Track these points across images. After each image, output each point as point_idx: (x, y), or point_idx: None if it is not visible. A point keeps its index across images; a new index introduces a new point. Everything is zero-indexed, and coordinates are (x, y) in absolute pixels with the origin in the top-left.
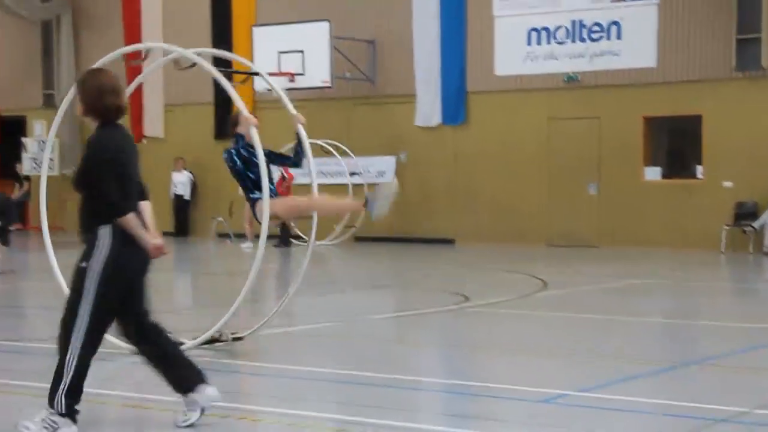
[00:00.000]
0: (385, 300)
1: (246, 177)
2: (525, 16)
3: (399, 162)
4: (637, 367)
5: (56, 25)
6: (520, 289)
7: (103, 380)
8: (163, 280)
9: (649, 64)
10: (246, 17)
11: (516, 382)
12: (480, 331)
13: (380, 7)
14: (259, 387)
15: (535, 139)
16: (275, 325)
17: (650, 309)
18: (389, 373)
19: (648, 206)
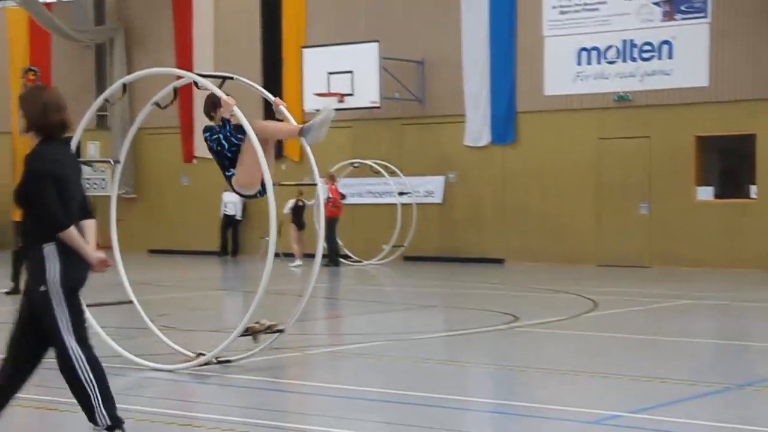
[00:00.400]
0: (434, 319)
1: (225, 157)
2: (575, 35)
3: (448, 181)
4: (689, 389)
5: (109, 48)
6: (570, 309)
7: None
8: (210, 299)
9: (701, 83)
10: (296, 39)
11: (566, 403)
12: (529, 351)
13: (429, 27)
14: (307, 405)
15: (584, 158)
16: (323, 345)
17: (703, 330)
18: (437, 392)
19: (700, 226)
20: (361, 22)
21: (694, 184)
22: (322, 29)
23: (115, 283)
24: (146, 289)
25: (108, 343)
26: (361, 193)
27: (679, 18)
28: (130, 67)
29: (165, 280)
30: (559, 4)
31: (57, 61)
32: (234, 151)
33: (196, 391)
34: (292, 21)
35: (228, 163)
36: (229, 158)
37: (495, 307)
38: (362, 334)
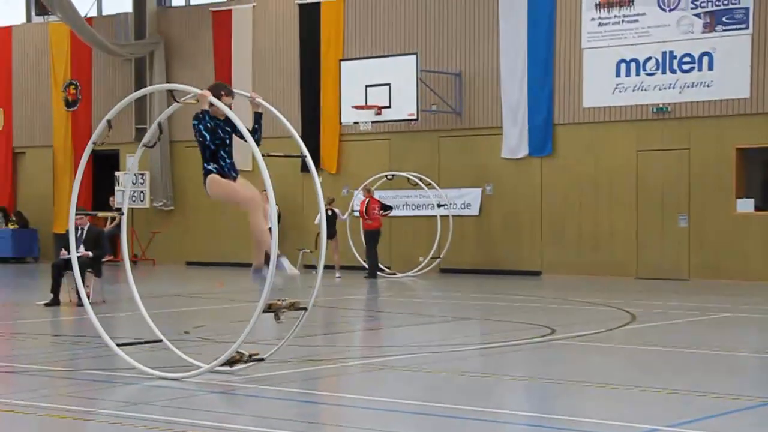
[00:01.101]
0: (470, 332)
1: (206, 147)
2: (614, 47)
3: (485, 194)
4: (730, 403)
5: (149, 62)
6: (608, 322)
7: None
8: (247, 311)
9: (742, 94)
10: (334, 51)
11: (603, 416)
12: (566, 364)
13: (467, 39)
14: (343, 417)
15: (623, 170)
16: (359, 357)
17: (743, 343)
18: (474, 405)
19: (741, 238)
20: (399, 34)
21: (734, 196)
22: (360, 42)
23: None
24: (184, 301)
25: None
26: (398, 206)
27: (720, 29)
28: (170, 81)
29: (202, 292)
30: (599, 16)
31: (97, 75)
32: (217, 143)
33: (234, 402)
34: (331, 34)
35: (209, 155)
36: (211, 150)
37: (532, 319)
38: (399, 346)
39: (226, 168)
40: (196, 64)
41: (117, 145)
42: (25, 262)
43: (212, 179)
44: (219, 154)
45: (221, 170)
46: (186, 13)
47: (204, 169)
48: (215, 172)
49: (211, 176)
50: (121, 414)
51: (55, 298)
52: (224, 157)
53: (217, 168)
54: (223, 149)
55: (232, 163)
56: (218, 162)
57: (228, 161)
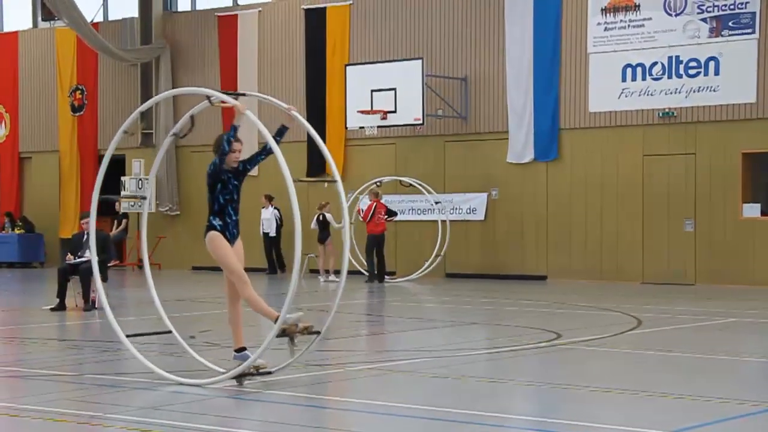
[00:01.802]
0: (476, 336)
1: (215, 200)
2: (620, 52)
3: (491, 198)
4: (736, 408)
5: (155, 67)
6: (613, 326)
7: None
8: (253, 315)
9: (748, 99)
10: (339, 56)
11: (609, 421)
12: (571, 369)
13: (473, 44)
14: (348, 422)
15: (629, 175)
16: (366, 361)
17: (749, 348)
18: (480, 410)
19: (747, 243)
20: (404, 39)
21: (740, 201)
22: (365, 47)
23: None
24: (189, 306)
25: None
26: (403, 210)
27: (727, 34)
28: (176, 85)
29: (208, 296)
30: (605, 21)
31: (103, 80)
32: (227, 199)
33: (241, 407)
34: (336, 39)
35: (217, 209)
36: (220, 204)
37: (537, 324)
38: (404, 350)
39: (231, 226)
40: (202, 69)
41: (123, 150)
42: (31, 267)
43: (213, 237)
44: (226, 210)
45: (225, 228)
46: (192, 18)
47: (208, 222)
48: (218, 230)
49: (212, 233)
50: (128, 419)
51: (61, 302)
52: (231, 214)
53: (221, 225)
54: (231, 206)
55: (237, 221)
56: (224, 219)
57: (233, 218)
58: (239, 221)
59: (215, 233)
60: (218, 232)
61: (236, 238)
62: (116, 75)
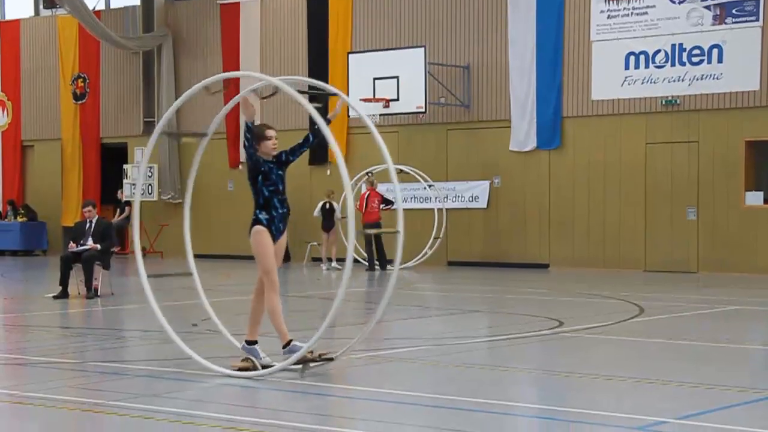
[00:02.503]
0: (478, 324)
1: (259, 193)
2: (623, 40)
3: (493, 187)
4: (738, 395)
5: (157, 55)
6: (616, 314)
7: (193, 401)
8: (247, 304)
9: (751, 87)
10: (342, 44)
11: (611, 409)
12: (574, 357)
13: (476, 32)
14: (351, 410)
15: (632, 163)
16: (368, 349)
17: (751, 336)
18: (482, 397)
19: (749, 231)
20: (407, 27)
21: (743, 189)
22: (368, 35)
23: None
24: (191, 293)
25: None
26: (405, 198)
27: (730, 22)
28: (178, 73)
29: (209, 284)
30: (607, 9)
31: (105, 68)
32: (271, 190)
33: (244, 396)
34: (339, 27)
35: (262, 201)
36: (265, 197)
37: (540, 312)
38: (406, 338)
39: (277, 220)
40: (203, 57)
41: (125, 138)
42: (34, 255)
43: (257, 232)
44: (272, 202)
45: (271, 223)
46: (194, 6)
47: (254, 216)
48: (264, 225)
49: (258, 228)
50: (132, 406)
51: (64, 290)
52: (277, 207)
53: (268, 219)
54: (277, 197)
55: (285, 213)
56: (270, 212)
57: (280, 211)
58: (288, 214)
59: (261, 228)
60: (264, 227)
61: (282, 234)
62: (118, 63)
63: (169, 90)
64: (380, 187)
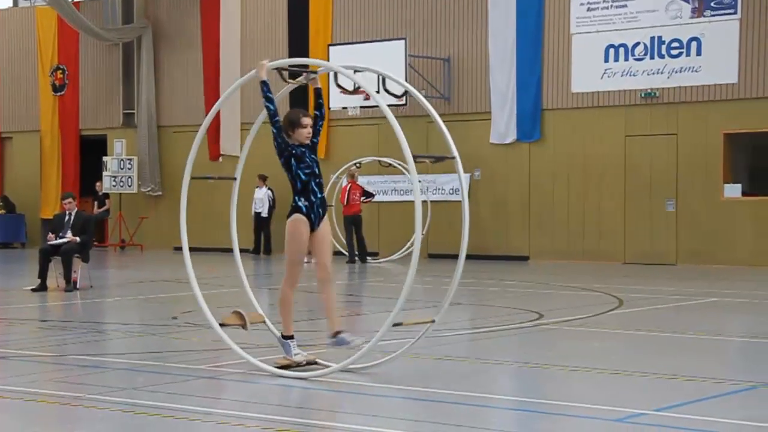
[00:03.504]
0: (459, 317)
1: (296, 178)
2: (603, 32)
3: (474, 179)
4: (716, 386)
5: (136, 47)
6: (596, 306)
7: (174, 394)
8: (237, 297)
9: (730, 79)
10: (323, 36)
11: (591, 401)
12: (554, 349)
13: (456, 24)
14: (332, 403)
15: (611, 155)
16: None
17: (730, 328)
18: (463, 390)
19: (728, 224)
20: (388, 19)
21: (721, 182)
22: (348, 27)
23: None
24: (172, 286)
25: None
26: (386, 191)
27: (709, 14)
28: (158, 65)
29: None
30: (587, 1)
31: (84, 60)
32: (308, 173)
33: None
34: (319, 19)
35: (300, 187)
36: (302, 181)
37: (520, 304)
38: (388, 331)
39: (316, 206)
40: (184, 49)
41: (104, 130)
42: (12, 248)
43: (293, 221)
44: (310, 186)
45: (310, 210)
46: None
47: (293, 202)
48: (303, 213)
49: (296, 216)
50: (112, 400)
51: (43, 283)
52: (315, 192)
53: (307, 206)
54: (314, 180)
55: (323, 198)
56: (309, 198)
57: (319, 196)
58: (325, 200)
59: (299, 216)
60: (303, 215)
61: (321, 219)
62: (98, 55)
63: (149, 82)
64: (360, 179)
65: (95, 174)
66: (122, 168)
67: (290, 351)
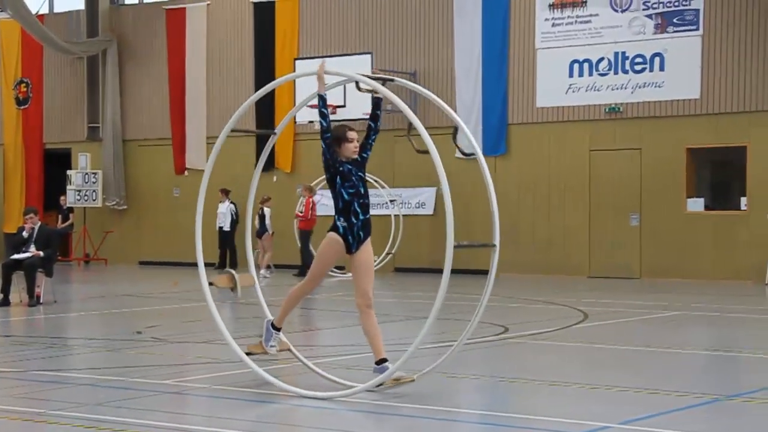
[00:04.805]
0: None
1: (339, 197)
2: (567, 48)
3: (439, 193)
4: (679, 400)
5: (102, 60)
6: (560, 320)
7: (137, 410)
8: (200, 311)
9: (692, 95)
10: (289, 50)
11: (556, 414)
12: (519, 363)
13: (422, 39)
14: (297, 417)
15: (576, 170)
16: (313, 356)
17: (692, 341)
18: (427, 403)
19: (691, 237)
20: (354, 33)
21: (684, 196)
22: (314, 41)
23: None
24: (136, 300)
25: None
26: None
27: (671, 30)
28: (122, 78)
29: (155, 291)
30: (552, 17)
31: (48, 73)
32: (351, 193)
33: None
34: (286, 33)
35: (342, 206)
36: (345, 201)
37: (485, 318)
38: (352, 345)
39: (356, 228)
40: (149, 62)
41: (69, 143)
42: None
43: (328, 241)
44: (352, 207)
45: (348, 231)
46: (139, 11)
47: (333, 222)
48: (339, 233)
49: (332, 236)
50: (74, 416)
51: (5, 298)
52: (358, 213)
53: (345, 227)
54: (358, 201)
55: (367, 220)
56: (349, 218)
57: (362, 218)
58: (369, 221)
59: (333, 236)
60: (339, 236)
61: (363, 242)
62: (62, 68)
63: (114, 95)
64: (328, 193)
65: (59, 188)
66: (87, 182)
67: (270, 340)
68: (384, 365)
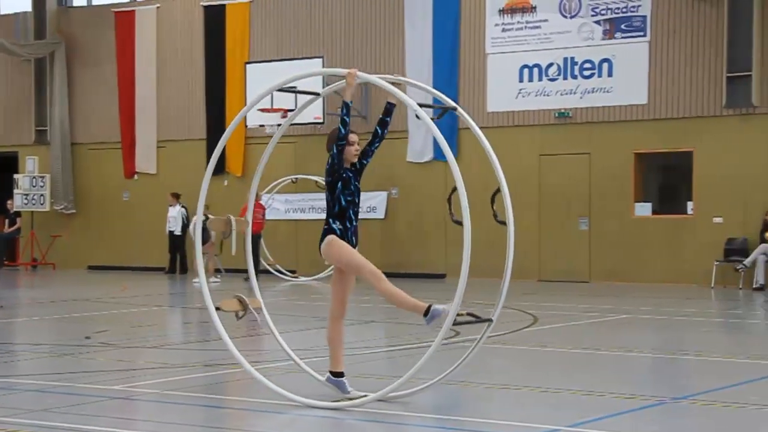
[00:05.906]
0: (375, 334)
1: (337, 201)
2: (517, 53)
3: (391, 197)
4: (627, 402)
5: (49, 62)
6: (511, 324)
7: (86, 416)
8: (151, 315)
9: (640, 101)
10: (240, 54)
11: (507, 417)
12: (469, 366)
13: (373, 43)
14: (248, 422)
15: (526, 174)
16: (264, 360)
17: (639, 344)
18: (377, 407)
19: (639, 241)
20: (305, 37)
21: (632, 200)
22: (265, 45)
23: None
24: (85, 305)
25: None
26: (303, 209)
27: (619, 36)
28: (71, 81)
29: (103, 296)
30: (502, 22)
31: None
32: (349, 200)
33: (133, 408)
34: (236, 36)
35: (338, 211)
36: (341, 207)
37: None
38: (302, 349)
39: (350, 232)
40: (98, 64)
41: (15, 147)
42: None
43: (332, 241)
44: (348, 214)
45: (344, 234)
46: (88, 14)
47: (327, 225)
48: (338, 234)
49: (331, 237)
50: (23, 422)
51: None
52: (352, 219)
53: (341, 230)
54: (353, 209)
55: (357, 227)
56: (345, 223)
57: (354, 224)
58: (358, 228)
59: (334, 237)
60: (338, 236)
61: (355, 248)
62: (8, 70)
63: (62, 98)
64: (278, 197)
65: (6, 192)
66: (34, 186)
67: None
68: (341, 380)
